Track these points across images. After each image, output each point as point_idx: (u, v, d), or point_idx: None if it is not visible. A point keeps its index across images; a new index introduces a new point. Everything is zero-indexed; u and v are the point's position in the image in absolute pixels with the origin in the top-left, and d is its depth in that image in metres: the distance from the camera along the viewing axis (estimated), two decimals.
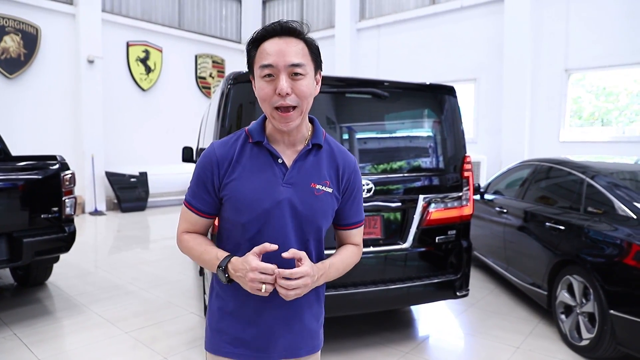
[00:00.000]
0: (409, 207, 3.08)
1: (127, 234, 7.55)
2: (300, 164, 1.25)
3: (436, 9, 9.16)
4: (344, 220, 1.36)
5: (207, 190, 1.25)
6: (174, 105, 11.05)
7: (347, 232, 1.39)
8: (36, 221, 3.72)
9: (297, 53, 1.15)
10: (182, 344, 3.30)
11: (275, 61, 1.13)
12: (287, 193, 1.21)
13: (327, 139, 1.33)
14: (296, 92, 1.15)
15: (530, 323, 3.70)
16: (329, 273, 1.26)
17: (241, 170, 1.22)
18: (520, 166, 4.72)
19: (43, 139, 8.75)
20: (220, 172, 1.23)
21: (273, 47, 1.15)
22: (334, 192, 1.28)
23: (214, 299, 1.33)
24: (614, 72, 7.27)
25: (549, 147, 7.61)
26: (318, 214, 1.25)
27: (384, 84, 3.11)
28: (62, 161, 3.96)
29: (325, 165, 1.28)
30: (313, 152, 1.28)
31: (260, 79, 1.17)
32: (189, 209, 1.29)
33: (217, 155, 1.24)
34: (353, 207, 1.36)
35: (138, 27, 10.38)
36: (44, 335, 3.43)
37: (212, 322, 1.32)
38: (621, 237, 2.89)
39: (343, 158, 1.32)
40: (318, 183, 1.25)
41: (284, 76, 1.14)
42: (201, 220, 1.30)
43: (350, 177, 1.32)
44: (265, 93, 1.16)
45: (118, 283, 4.70)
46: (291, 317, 1.28)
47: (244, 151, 1.25)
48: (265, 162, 1.23)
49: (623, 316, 2.76)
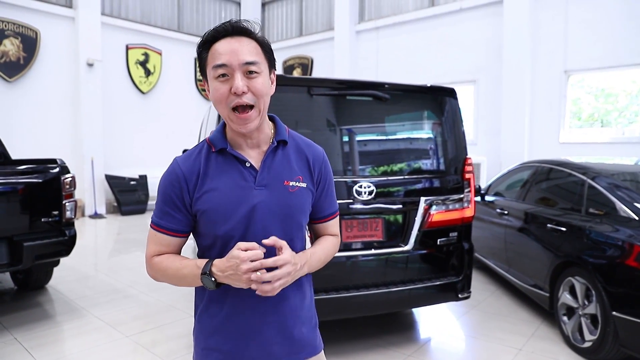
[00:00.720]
0: (410, 209, 3.07)
1: (127, 237, 7.53)
2: (269, 163, 1.22)
3: (435, 10, 9.17)
4: (320, 213, 1.35)
5: (177, 207, 1.20)
6: (174, 108, 11.05)
7: (324, 225, 1.38)
8: (36, 225, 3.71)
9: (250, 51, 1.14)
10: (183, 347, 3.28)
11: (229, 60, 1.12)
12: (261, 196, 1.19)
13: (291, 134, 1.31)
14: (252, 90, 1.13)
15: (532, 325, 3.69)
16: (311, 262, 1.25)
17: (210, 181, 1.19)
18: (521, 168, 4.72)
19: (43, 143, 8.74)
20: (189, 187, 1.19)
21: (225, 46, 1.13)
22: (308, 186, 1.27)
23: (199, 317, 1.28)
24: (613, 73, 7.28)
25: (548, 149, 7.61)
26: (296, 211, 1.23)
27: (385, 86, 3.11)
28: (62, 164, 3.95)
29: (295, 161, 1.27)
30: (279, 149, 1.25)
31: (214, 80, 1.15)
32: (158, 230, 1.22)
33: (182, 169, 1.20)
34: (327, 199, 1.35)
35: (137, 30, 10.39)
36: (45, 339, 3.41)
37: (199, 341, 1.28)
38: (623, 239, 2.88)
39: (311, 151, 1.31)
40: (291, 180, 1.23)
41: (239, 75, 1.12)
42: (173, 240, 1.24)
43: (322, 168, 1.31)
44: (220, 94, 1.14)
45: (118, 286, 4.69)
46: (282, 323, 1.24)
47: (210, 162, 1.21)
48: (232, 168, 1.21)
49: (626, 317, 2.75)
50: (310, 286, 1.36)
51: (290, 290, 1.24)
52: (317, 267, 1.31)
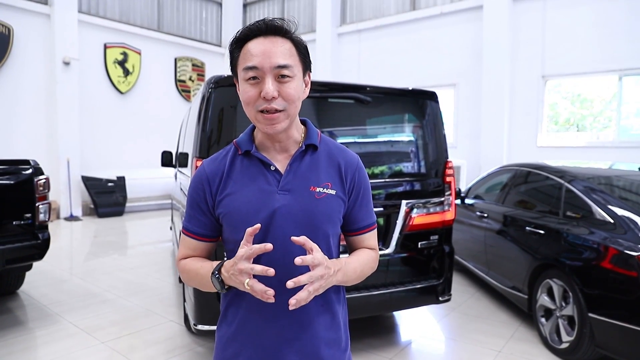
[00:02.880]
0: (392, 212, 3.07)
1: (104, 240, 7.36)
2: (295, 168, 1.15)
3: (416, 14, 9.26)
4: (355, 225, 1.24)
5: (202, 211, 1.18)
6: (153, 108, 10.88)
7: (360, 237, 1.26)
8: (7, 228, 3.59)
9: (283, 53, 1.07)
10: (161, 353, 3.21)
11: (260, 63, 1.05)
12: (283, 200, 1.12)
13: (324, 139, 1.23)
14: (283, 95, 1.07)
15: (511, 327, 3.73)
16: (346, 270, 1.12)
17: (233, 184, 1.14)
18: (500, 171, 4.78)
19: (16, 143, 8.50)
20: (212, 190, 1.16)
21: (258, 47, 1.06)
22: (338, 193, 1.17)
23: (218, 325, 1.23)
24: (588, 79, 7.47)
25: (526, 152, 7.75)
26: (321, 218, 1.14)
27: (367, 89, 3.10)
28: (35, 166, 3.84)
29: (324, 167, 1.18)
30: (308, 154, 1.18)
31: (244, 82, 1.09)
32: (187, 235, 1.21)
33: (207, 172, 1.17)
34: (363, 209, 1.24)
35: (116, 28, 10.20)
36: (15, 347, 3.29)
37: (218, 351, 1.22)
38: (598, 241, 2.94)
39: (343, 156, 1.21)
40: (318, 186, 1.15)
41: (269, 79, 1.06)
42: (200, 245, 1.20)
43: (355, 176, 1.21)
44: (249, 96, 1.08)
45: (94, 291, 4.57)
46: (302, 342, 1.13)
47: (234, 164, 1.17)
48: (257, 172, 1.15)
49: (601, 319, 2.80)
50: (341, 305, 1.24)
51: (314, 305, 1.13)
52: (352, 278, 1.17)
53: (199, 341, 3.40)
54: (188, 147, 3.32)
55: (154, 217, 9.58)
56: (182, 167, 3.95)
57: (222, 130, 2.72)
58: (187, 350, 3.27)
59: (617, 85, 7.14)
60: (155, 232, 7.95)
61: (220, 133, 2.72)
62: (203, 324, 2.75)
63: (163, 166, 5.69)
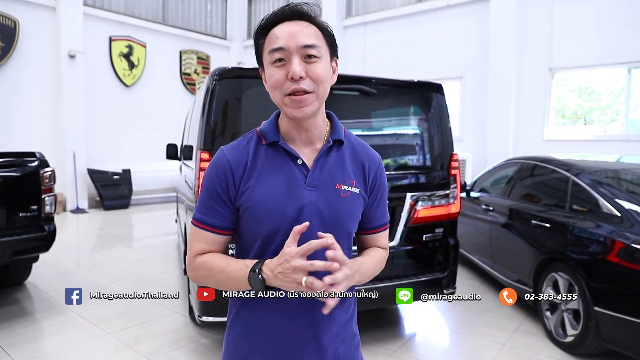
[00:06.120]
0: (397, 205, 3.06)
1: (110, 232, 7.41)
2: (322, 163, 1.12)
3: (422, 6, 9.17)
4: (370, 224, 1.23)
5: (222, 201, 1.10)
6: (158, 101, 10.88)
7: (373, 236, 1.26)
8: (14, 220, 3.62)
9: (310, 35, 1.05)
10: (167, 344, 3.24)
11: (287, 43, 1.03)
12: (311, 196, 1.09)
13: (347, 134, 1.20)
14: (311, 75, 1.03)
15: (516, 320, 3.72)
16: (362, 271, 1.11)
17: (257, 175, 1.09)
18: (506, 164, 4.75)
19: (22, 136, 8.54)
20: (235, 180, 1.09)
21: (283, 30, 1.05)
22: (360, 192, 1.16)
23: (230, 324, 1.18)
24: (596, 71, 7.38)
25: (533, 145, 7.69)
26: (346, 217, 1.13)
27: (372, 80, 3.08)
28: (41, 158, 3.86)
29: (350, 164, 1.16)
30: (334, 149, 1.15)
31: (270, 66, 1.06)
32: (203, 228, 1.11)
33: (229, 160, 1.10)
34: (379, 208, 1.23)
35: (121, 21, 10.18)
36: (22, 337, 3.33)
37: (229, 350, 1.17)
38: (605, 235, 2.92)
39: (367, 155, 1.20)
40: (343, 183, 1.13)
41: (296, 59, 1.03)
42: (219, 238, 1.12)
43: (377, 175, 1.20)
44: (276, 79, 1.04)
45: (100, 283, 4.60)
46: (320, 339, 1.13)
47: (258, 154, 1.11)
48: (283, 164, 1.11)
49: (607, 312, 2.79)
50: (353, 300, 1.24)
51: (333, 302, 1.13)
52: (366, 279, 1.16)
53: (203, 333, 3.42)
54: (193, 139, 3.32)
55: (159, 210, 9.62)
56: (187, 160, 3.95)
57: (227, 123, 2.71)
58: (192, 341, 3.29)
59: (626, 78, 7.04)
60: (161, 225, 8.00)
61: (224, 125, 2.71)
62: (207, 316, 2.76)
63: (168, 159, 5.71)
